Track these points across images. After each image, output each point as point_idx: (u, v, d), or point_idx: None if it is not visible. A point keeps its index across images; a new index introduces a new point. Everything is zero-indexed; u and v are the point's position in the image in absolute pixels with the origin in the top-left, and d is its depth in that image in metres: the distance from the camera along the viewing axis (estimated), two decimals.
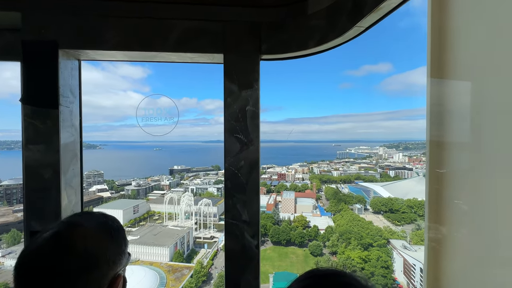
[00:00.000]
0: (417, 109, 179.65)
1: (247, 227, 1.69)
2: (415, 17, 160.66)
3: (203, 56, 1.78)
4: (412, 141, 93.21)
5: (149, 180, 78.71)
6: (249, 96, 1.69)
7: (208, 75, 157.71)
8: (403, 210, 46.94)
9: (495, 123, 0.88)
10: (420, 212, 45.68)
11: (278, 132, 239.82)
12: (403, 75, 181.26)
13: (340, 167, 76.20)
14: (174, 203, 53.80)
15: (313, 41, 1.70)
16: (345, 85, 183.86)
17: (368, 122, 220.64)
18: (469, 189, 0.97)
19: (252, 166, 1.69)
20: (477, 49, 0.92)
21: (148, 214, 57.18)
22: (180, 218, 51.76)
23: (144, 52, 1.73)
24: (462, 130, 0.99)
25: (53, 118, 1.59)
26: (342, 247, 37.42)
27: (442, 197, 1.05)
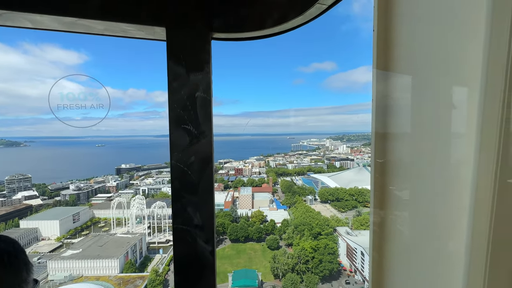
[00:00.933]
0: (358, 104, 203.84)
1: (200, 232, 1.51)
2: (355, 22, 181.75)
3: (140, 29, 1.51)
4: (354, 133, 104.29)
5: (91, 182, 70.27)
6: (199, 80, 1.47)
7: (158, 65, 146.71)
8: (346, 198, 52.64)
9: (431, 116, 0.95)
10: (360, 199, 51.97)
11: (235, 125, 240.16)
12: (346, 73, 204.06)
13: (295, 160, 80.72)
14: (123, 207, 49.63)
15: (271, 19, 1.53)
16: (297, 81, 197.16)
17: (317, 116, 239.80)
18: (408, 177, 1.05)
19: (205, 162, 1.51)
20: (416, 48, 0.99)
21: (91, 222, 51.51)
22: (130, 223, 48.14)
23: (58, 17, 1.39)
24: (402, 123, 1.07)
25: None
26: (297, 239, 40.33)
27: (385, 185, 1.13)
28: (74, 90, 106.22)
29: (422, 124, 0.99)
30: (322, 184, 59.80)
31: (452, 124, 0.91)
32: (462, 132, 0.88)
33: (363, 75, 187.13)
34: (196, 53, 1.48)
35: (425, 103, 0.97)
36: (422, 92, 0.99)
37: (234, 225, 45.17)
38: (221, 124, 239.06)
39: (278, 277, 36.67)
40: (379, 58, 1.09)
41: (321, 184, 60.11)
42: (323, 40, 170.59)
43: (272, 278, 37.19)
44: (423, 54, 0.98)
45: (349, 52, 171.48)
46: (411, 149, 1.04)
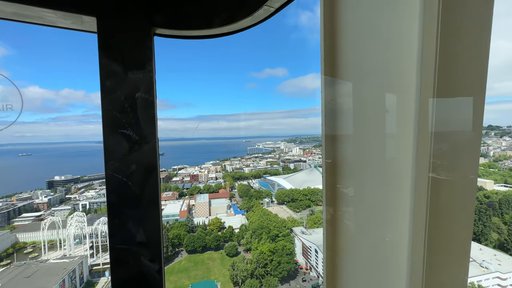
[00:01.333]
0: (308, 108, 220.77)
1: (144, 250, 1.37)
2: (303, 32, 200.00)
3: (63, 16, 1.30)
4: (305, 135, 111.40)
5: (13, 199, 58.67)
6: (140, 79, 1.34)
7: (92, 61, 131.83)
8: (300, 198, 55.61)
9: (369, 119, 1.06)
10: (313, 198, 55.51)
11: (189, 129, 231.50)
12: (297, 79, 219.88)
13: (251, 163, 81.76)
14: (58, 227, 42.79)
15: (219, 18, 1.48)
16: (251, 85, 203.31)
17: (271, 120, 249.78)
18: (352, 175, 1.15)
19: (148, 171, 1.36)
20: (358, 57, 1.09)
21: (14, 249, 42.92)
22: (67, 245, 41.76)
23: None
24: (346, 126, 1.16)
25: None
26: (256, 243, 40.77)
27: (334, 184, 1.21)
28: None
29: (362, 126, 1.08)
30: (279, 186, 61.97)
31: (387, 126, 1.00)
32: (394, 133, 0.98)
33: (312, 82, 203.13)
34: (135, 49, 1.35)
35: (364, 107, 1.06)
36: (362, 97, 1.07)
37: (191, 236, 43.33)
38: (174, 128, 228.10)
39: (238, 285, 36.46)
40: (326, 66, 1.16)
41: (278, 186, 62.22)
42: (275, 47, 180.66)
43: (231, 286, 36.78)
44: (364, 63, 1.06)
45: (299, 60, 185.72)
46: (354, 150, 1.14)
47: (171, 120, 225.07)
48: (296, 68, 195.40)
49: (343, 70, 1.14)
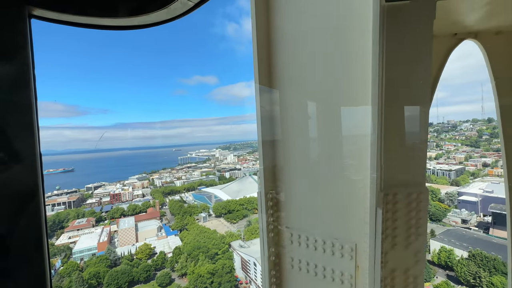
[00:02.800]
0: (240, 116, 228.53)
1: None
2: (231, 42, 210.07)
3: None
4: (239, 142, 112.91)
5: None
6: (8, 73, 0.98)
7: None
8: (237, 208, 55.64)
9: (293, 124, 1.17)
10: (249, 207, 56.40)
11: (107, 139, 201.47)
12: (227, 87, 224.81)
13: (183, 175, 76.70)
14: None
15: (126, 7, 1.25)
16: (179, 91, 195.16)
17: (204, 127, 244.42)
18: (282, 179, 1.23)
19: (27, 197, 0.99)
20: (285, 65, 1.18)
21: None
22: None
23: None
24: (277, 132, 1.23)
25: None
26: (192, 266, 38.09)
27: (269, 189, 1.28)
28: None
29: (289, 132, 1.20)
30: (216, 198, 60.21)
31: (310, 131, 1.13)
32: (315, 137, 1.12)
33: (242, 90, 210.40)
34: (2, 32, 1.00)
35: (290, 115, 1.19)
36: (288, 104, 1.19)
37: (113, 271, 36.91)
38: (85, 138, 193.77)
39: None
40: (260, 75, 1.23)
41: (215, 198, 60.39)
42: (205, 55, 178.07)
43: None
44: (292, 72, 1.17)
45: (228, 69, 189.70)
46: (283, 154, 1.23)
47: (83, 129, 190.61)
48: (226, 77, 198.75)
49: (274, 79, 1.22)
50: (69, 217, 51.91)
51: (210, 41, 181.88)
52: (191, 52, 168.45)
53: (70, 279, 35.18)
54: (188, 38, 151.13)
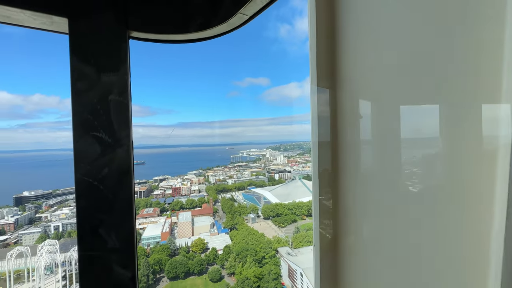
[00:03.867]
0: (291, 116, 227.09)
1: (116, 257, 1.33)
2: (283, 44, 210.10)
3: (34, 16, 1.28)
4: (289, 142, 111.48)
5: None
6: (114, 82, 1.34)
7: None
8: (286, 213, 55.39)
9: (346, 125, 1.07)
10: (297, 212, 55.50)
11: (170, 136, 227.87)
12: (278, 88, 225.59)
13: (234, 174, 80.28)
14: (26, 256, 39.15)
15: (194, 24, 1.51)
16: (232, 93, 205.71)
17: (255, 127, 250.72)
18: (337, 186, 1.11)
19: (122, 174, 1.35)
20: (349, 63, 1.07)
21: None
22: (37, 276, 38.30)
23: None
24: (338, 133, 1.13)
25: None
26: (240, 267, 39.79)
27: (324, 195, 1.16)
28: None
29: (341, 134, 1.10)
30: (265, 200, 61.15)
31: (361, 133, 1.02)
32: (367, 139, 1.00)
33: (294, 90, 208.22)
34: (109, 51, 1.36)
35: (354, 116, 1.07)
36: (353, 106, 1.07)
37: (173, 261, 41.45)
38: (154, 135, 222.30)
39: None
40: (318, 74, 1.17)
41: (264, 199, 61.40)
42: (257, 58, 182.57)
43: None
44: (354, 71, 1.06)
45: (280, 70, 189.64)
46: (353, 158, 1.09)
47: (152, 127, 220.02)
48: (277, 78, 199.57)
49: (337, 78, 1.13)
50: (139, 206, 59.95)
51: (263, 44, 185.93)
52: (244, 56, 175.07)
53: (139, 262, 40.99)
54: (242, 43, 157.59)
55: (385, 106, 0.91)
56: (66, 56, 1.31)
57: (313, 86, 1.16)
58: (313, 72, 1.16)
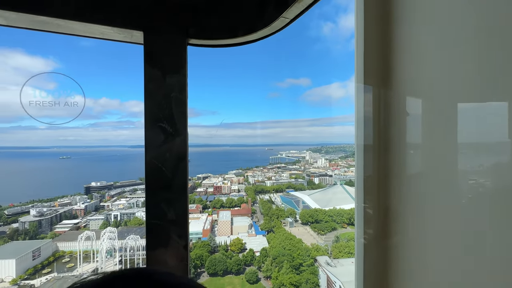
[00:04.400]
0: (334, 117, 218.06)
1: (173, 227, 1.59)
2: (325, 42, 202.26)
3: (118, 32, 1.60)
4: (331, 144, 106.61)
5: (56, 204, 63.83)
6: (175, 82, 1.60)
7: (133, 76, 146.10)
8: (326, 219, 53.13)
9: (395, 127, 1.00)
10: (338, 220, 52.74)
11: (213, 136, 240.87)
12: (320, 88, 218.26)
13: (273, 175, 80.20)
14: (92, 239, 45.69)
15: (242, 29, 1.69)
16: (272, 94, 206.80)
17: (295, 128, 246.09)
18: (383, 193, 1.03)
19: (180, 159, 1.61)
20: (398, 64, 1.01)
21: (54, 257, 46.66)
22: (99, 258, 44.38)
23: (34, 16, 1.38)
24: (387, 136, 1.04)
25: None
26: (276, 272, 39.64)
27: (369, 201, 1.07)
28: (39, 98, 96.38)
29: (390, 136, 1.03)
30: (303, 204, 59.74)
31: (412, 135, 0.95)
32: (419, 143, 0.93)
33: (336, 91, 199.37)
34: (173, 57, 1.60)
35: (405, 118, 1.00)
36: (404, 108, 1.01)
37: (212, 258, 43.47)
38: (199, 134, 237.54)
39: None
40: (366, 72, 1.12)
41: (302, 203, 60.02)
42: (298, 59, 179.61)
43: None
44: (404, 70, 1.01)
45: (322, 70, 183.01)
46: (393, 164, 1.01)
47: (197, 127, 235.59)
48: (319, 78, 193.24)
49: (382, 76, 1.06)
50: None
51: (305, 44, 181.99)
52: (285, 57, 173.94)
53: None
54: (283, 45, 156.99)
55: (442, 107, 0.82)
56: (127, 65, 1.54)
57: (358, 85, 1.10)
58: (359, 70, 1.10)
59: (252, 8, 1.65)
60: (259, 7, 1.63)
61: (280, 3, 1.51)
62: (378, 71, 1.06)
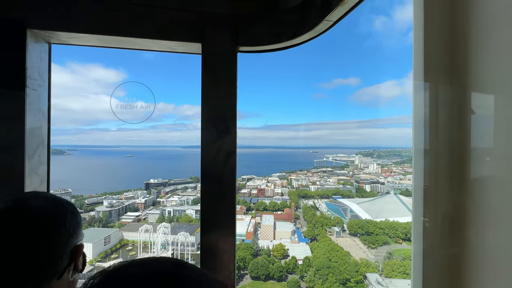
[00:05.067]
0: (386, 118, 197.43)
1: (223, 215, 1.79)
2: (377, 38, 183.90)
3: (181, 45, 1.83)
4: (384, 148, 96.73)
5: (122, 198, 73.46)
6: (227, 86, 1.77)
7: (186, 82, 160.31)
8: (376, 232, 48.58)
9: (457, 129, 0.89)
10: (391, 234, 47.63)
11: (257, 138, 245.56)
12: (371, 88, 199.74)
13: (318, 180, 76.94)
14: (150, 232, 51.21)
15: (287, 34, 1.79)
16: (318, 95, 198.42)
17: (343, 130, 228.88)
18: (449, 206, 0.89)
19: (229, 155, 1.80)
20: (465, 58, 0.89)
21: (120, 244, 53.76)
22: (156, 250, 49.39)
23: (120, 38, 1.73)
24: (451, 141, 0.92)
25: (19, 99, 1.54)
26: (319, 284, 37.87)
27: (429, 214, 0.92)
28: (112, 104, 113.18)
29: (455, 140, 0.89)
30: (351, 213, 55.77)
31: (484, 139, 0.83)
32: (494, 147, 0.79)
33: (390, 89, 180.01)
34: (225, 63, 1.78)
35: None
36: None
37: (255, 262, 43.92)
38: (245, 136, 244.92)
39: None
40: (426, 68, 0.99)
41: (350, 212, 56.08)
42: (347, 57, 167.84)
43: None
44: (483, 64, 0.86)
45: (374, 68, 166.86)
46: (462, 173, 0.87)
47: (242, 129, 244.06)
48: (370, 76, 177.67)
49: (448, 71, 0.93)
50: None
51: (354, 41, 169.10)
52: (332, 56, 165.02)
53: None
54: (329, 44, 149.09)
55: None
56: (183, 72, 1.67)
57: (417, 83, 0.99)
58: (417, 66, 0.99)
59: (296, 13, 1.72)
60: (302, 11, 1.69)
61: (323, 6, 1.54)
62: (441, 67, 0.95)
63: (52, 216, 0.85)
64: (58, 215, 0.86)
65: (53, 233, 0.82)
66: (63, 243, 0.85)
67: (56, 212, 0.87)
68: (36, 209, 0.83)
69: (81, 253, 0.93)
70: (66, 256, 0.86)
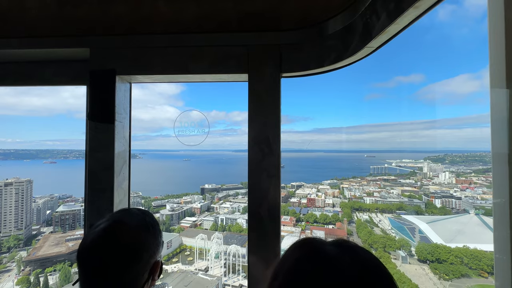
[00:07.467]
0: (459, 117, 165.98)
1: (268, 232, 1.83)
2: (442, 29, 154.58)
3: (231, 76, 2.01)
4: (459, 151, 79.39)
5: (182, 202, 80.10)
6: (271, 110, 1.88)
7: (235, 91, 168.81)
8: (451, 260, 41.08)
9: None
10: (473, 266, 39.66)
11: (305, 141, 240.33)
12: (439, 84, 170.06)
13: (375, 191, 68.98)
14: (205, 239, 54.92)
15: (328, 60, 1.87)
16: (373, 95, 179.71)
17: (408, 131, 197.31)
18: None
19: (271, 176, 1.88)
20: None
21: (180, 249, 58.97)
22: (210, 258, 52.55)
23: (183, 75, 1.99)
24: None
25: (110, 131, 1.93)
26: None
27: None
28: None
29: None
30: (420, 234, 47.53)
31: None
32: None
33: (462, 85, 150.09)
34: (269, 90, 1.90)
35: None
36: None
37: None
38: (292, 140, 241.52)
39: None
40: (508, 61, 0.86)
41: (419, 233, 47.85)
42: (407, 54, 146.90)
43: None
44: None
45: (440, 61, 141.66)
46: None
47: (290, 133, 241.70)
48: (437, 72, 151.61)
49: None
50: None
51: (415, 36, 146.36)
52: (389, 54, 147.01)
53: None
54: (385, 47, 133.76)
55: None
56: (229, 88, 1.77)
57: (495, 76, 0.84)
58: (496, 58, 0.83)
59: (338, 40, 1.79)
60: (344, 39, 1.75)
61: (364, 34, 1.58)
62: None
63: (141, 241, 0.99)
64: (143, 242, 1.00)
65: (137, 258, 0.95)
66: (144, 264, 0.98)
67: (142, 239, 1.00)
68: (131, 235, 0.98)
69: (159, 268, 1.06)
70: (146, 273, 1.00)
